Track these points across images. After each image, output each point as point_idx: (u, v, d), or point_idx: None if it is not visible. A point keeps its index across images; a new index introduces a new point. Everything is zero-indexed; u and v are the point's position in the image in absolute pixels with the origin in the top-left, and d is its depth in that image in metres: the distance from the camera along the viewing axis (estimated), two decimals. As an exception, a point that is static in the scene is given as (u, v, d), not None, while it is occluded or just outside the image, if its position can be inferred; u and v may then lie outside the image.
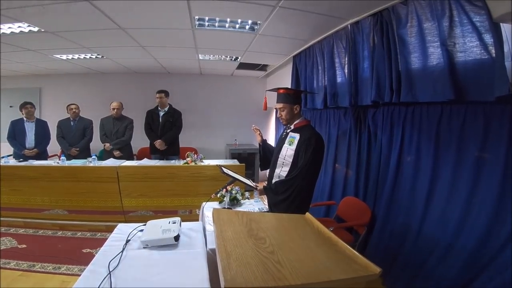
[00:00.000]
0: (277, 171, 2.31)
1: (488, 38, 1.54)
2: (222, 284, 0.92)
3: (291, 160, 2.19)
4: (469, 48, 1.66)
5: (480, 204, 1.77)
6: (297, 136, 2.19)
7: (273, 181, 2.33)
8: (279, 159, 2.30)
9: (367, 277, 1.05)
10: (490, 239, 1.70)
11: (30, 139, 4.33)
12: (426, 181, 2.15)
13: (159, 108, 4.43)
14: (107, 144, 4.37)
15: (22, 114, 4.29)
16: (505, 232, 1.62)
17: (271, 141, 6.59)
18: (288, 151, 2.22)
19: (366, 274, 1.05)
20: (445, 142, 2.01)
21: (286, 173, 2.23)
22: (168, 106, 4.46)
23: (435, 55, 1.87)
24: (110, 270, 1.41)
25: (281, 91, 2.25)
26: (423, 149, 2.20)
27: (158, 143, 4.30)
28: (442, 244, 1.98)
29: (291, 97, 2.23)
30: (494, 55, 1.51)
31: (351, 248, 1.19)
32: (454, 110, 1.93)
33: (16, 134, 4.27)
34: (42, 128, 4.45)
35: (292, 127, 2.29)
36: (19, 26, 3.00)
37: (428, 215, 2.14)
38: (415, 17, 2.00)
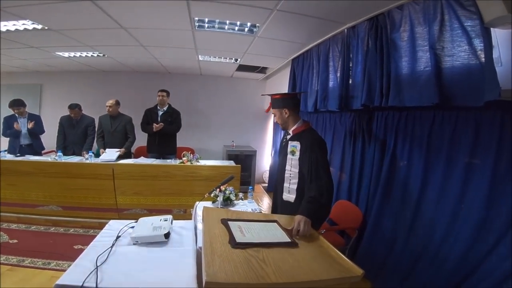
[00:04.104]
0: (285, 185, 2.14)
1: (478, 43, 1.56)
2: (204, 278, 0.93)
3: (297, 171, 2.06)
4: (457, 52, 1.67)
5: (468, 209, 1.78)
6: (297, 144, 2.06)
7: (283, 195, 2.14)
8: (286, 172, 2.13)
9: (349, 278, 1.06)
10: (478, 244, 1.71)
11: (24, 135, 4.38)
12: (417, 186, 2.16)
13: (158, 107, 4.44)
14: (122, 149, 4.25)
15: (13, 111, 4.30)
16: (493, 237, 1.63)
17: (268, 144, 6.61)
18: (292, 162, 2.08)
19: (348, 276, 1.06)
20: (436, 148, 2.03)
21: (295, 185, 2.07)
22: (167, 106, 4.48)
23: (424, 59, 1.89)
24: (98, 265, 1.40)
25: (272, 97, 2.24)
26: (415, 154, 2.21)
27: (156, 126, 4.19)
28: (431, 248, 1.99)
29: (278, 102, 2.19)
30: (483, 59, 1.52)
31: (336, 250, 1.21)
32: (446, 116, 1.95)
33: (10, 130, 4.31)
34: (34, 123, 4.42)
35: (291, 133, 2.16)
36: (24, 24, 3.03)
37: (418, 220, 2.15)
38: (408, 21, 2.02)
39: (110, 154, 4.05)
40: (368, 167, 2.72)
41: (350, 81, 2.76)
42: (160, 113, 4.43)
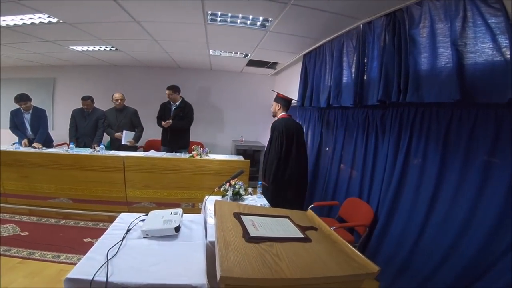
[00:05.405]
0: None
1: (503, 40, 1.51)
2: (219, 273, 0.91)
3: None
4: (480, 49, 1.62)
5: (485, 209, 1.73)
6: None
7: None
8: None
9: (365, 275, 1.04)
10: (493, 243, 1.66)
11: (29, 129, 4.41)
12: (431, 185, 2.11)
13: (171, 102, 4.49)
14: (132, 141, 4.43)
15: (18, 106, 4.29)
16: (509, 237, 1.58)
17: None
18: None
19: (364, 272, 1.04)
20: (453, 146, 1.97)
21: None
22: (180, 100, 4.50)
23: (445, 55, 1.84)
24: (108, 258, 1.39)
25: (277, 94, 3.39)
26: (430, 152, 2.16)
27: (164, 123, 4.34)
28: (443, 248, 1.94)
29: (277, 98, 3.36)
30: (508, 56, 1.48)
31: (350, 246, 1.18)
32: (464, 114, 1.89)
33: (17, 124, 4.34)
34: (36, 118, 4.42)
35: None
36: (40, 17, 3.06)
37: (430, 219, 2.10)
38: (428, 17, 1.98)
39: (128, 135, 4.36)
40: (380, 164, 2.67)
41: (365, 77, 2.70)
42: (173, 108, 4.49)
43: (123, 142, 4.35)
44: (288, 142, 3.07)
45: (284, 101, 3.29)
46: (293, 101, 3.91)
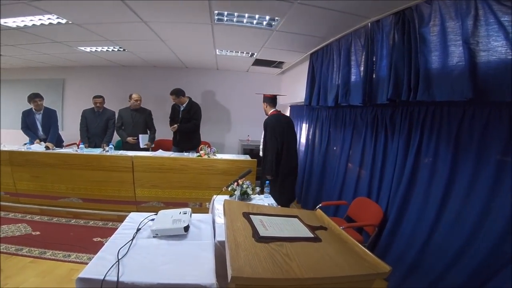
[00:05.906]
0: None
1: (515, 38, 1.49)
2: (229, 273, 0.91)
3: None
4: (493, 47, 1.60)
5: (497, 209, 1.70)
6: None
7: None
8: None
9: (376, 275, 1.03)
10: (505, 245, 1.63)
11: (41, 129, 4.47)
12: (442, 184, 2.08)
13: (179, 105, 4.54)
14: (148, 143, 4.57)
15: (31, 105, 4.33)
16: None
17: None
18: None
19: (375, 272, 1.03)
20: (465, 145, 1.95)
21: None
22: (186, 102, 4.53)
23: (456, 53, 1.82)
24: (119, 258, 1.41)
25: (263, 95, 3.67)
26: (441, 151, 2.13)
27: (172, 127, 4.49)
28: (454, 248, 1.92)
29: (263, 99, 3.64)
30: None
31: (361, 246, 1.17)
32: (477, 112, 1.86)
33: (29, 124, 4.40)
34: (47, 118, 4.47)
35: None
36: (49, 18, 3.10)
37: (442, 219, 2.07)
38: (439, 16, 1.96)
39: (144, 138, 4.52)
40: (390, 164, 2.64)
41: (374, 76, 2.68)
42: (181, 109, 4.53)
43: (141, 146, 4.47)
44: (280, 135, 3.35)
45: (269, 99, 3.58)
46: (284, 97, 4.50)
